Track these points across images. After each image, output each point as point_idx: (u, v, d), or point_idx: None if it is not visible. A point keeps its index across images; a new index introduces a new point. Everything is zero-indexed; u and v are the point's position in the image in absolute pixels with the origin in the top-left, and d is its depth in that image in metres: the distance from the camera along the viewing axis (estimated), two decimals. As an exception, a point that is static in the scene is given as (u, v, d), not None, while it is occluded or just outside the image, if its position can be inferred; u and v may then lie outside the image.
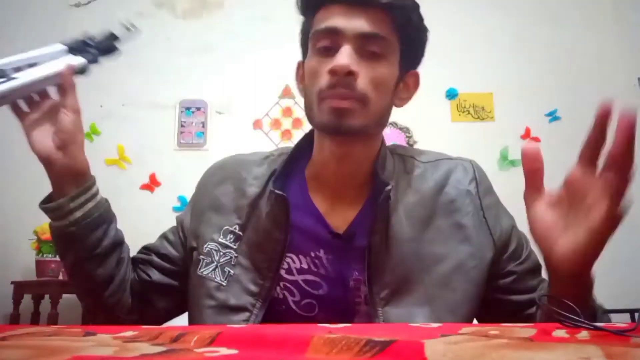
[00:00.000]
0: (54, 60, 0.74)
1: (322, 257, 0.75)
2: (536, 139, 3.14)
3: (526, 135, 3.14)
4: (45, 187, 0.77)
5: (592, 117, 0.57)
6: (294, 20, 0.82)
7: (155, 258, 0.83)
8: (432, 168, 0.80)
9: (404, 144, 3.09)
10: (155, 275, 0.82)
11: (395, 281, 0.72)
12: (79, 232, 0.74)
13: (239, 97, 3.03)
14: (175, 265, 0.83)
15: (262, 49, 3.08)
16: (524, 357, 0.27)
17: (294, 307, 0.74)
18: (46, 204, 0.76)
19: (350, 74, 0.69)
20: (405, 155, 0.82)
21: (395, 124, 3.16)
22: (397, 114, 0.75)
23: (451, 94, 3.22)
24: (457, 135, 3.07)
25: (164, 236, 0.86)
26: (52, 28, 3.11)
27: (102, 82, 3.17)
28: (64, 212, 0.74)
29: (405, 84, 0.80)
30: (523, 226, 0.72)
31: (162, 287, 0.82)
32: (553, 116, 3.16)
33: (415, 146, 2.99)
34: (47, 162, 0.73)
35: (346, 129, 0.70)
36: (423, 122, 3.14)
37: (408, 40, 0.76)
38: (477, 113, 3.20)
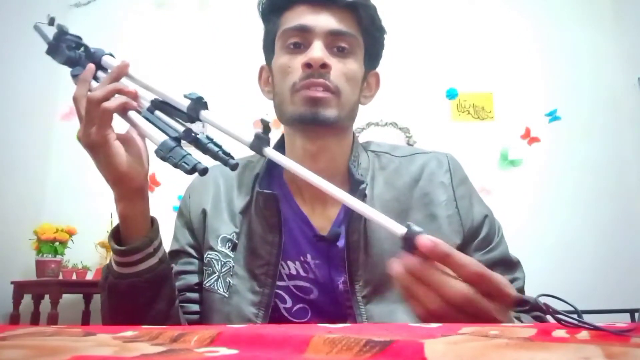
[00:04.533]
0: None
1: (310, 261, 0.74)
2: (536, 139, 3.15)
3: (526, 135, 3.15)
4: (43, 190, 0.76)
5: (592, 117, 0.56)
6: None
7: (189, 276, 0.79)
8: (407, 163, 0.80)
9: (404, 144, 3.10)
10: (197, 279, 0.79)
11: (376, 279, 0.71)
12: (148, 282, 0.66)
13: (238, 97, 3.03)
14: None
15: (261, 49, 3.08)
16: (524, 357, 0.26)
17: (285, 314, 0.74)
18: (120, 243, 0.66)
19: (324, 66, 0.71)
20: (380, 152, 0.83)
21: (395, 124, 3.16)
22: (397, 114, 0.74)
23: (451, 94, 3.22)
24: (457, 135, 3.07)
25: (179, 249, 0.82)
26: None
27: (102, 82, 3.18)
28: (148, 252, 0.66)
29: (368, 83, 0.82)
30: (519, 230, 0.72)
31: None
32: (553, 116, 3.17)
33: (415, 146, 2.99)
34: (126, 178, 0.63)
35: (322, 119, 0.71)
36: (423, 122, 3.14)
37: (371, 39, 0.78)
38: (477, 113, 3.20)
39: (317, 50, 0.71)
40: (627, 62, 3.18)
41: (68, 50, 0.71)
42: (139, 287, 0.66)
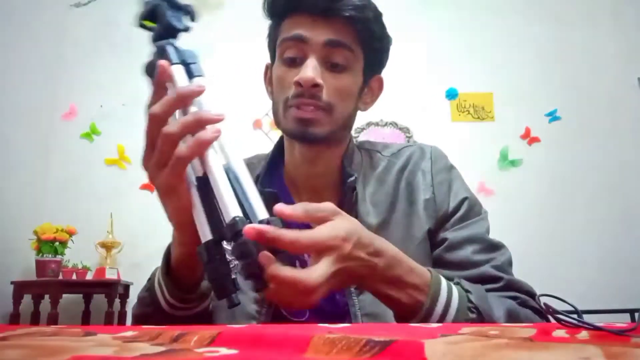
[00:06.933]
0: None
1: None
2: (536, 139, 3.15)
3: (526, 135, 3.15)
4: (44, 190, 0.74)
5: (592, 117, 0.56)
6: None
7: None
8: (395, 158, 0.82)
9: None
10: None
11: None
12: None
13: (239, 97, 3.03)
14: None
15: (262, 49, 3.08)
16: (524, 357, 0.27)
17: (284, 312, 0.74)
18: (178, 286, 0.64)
19: (315, 86, 0.71)
20: (372, 150, 0.85)
21: (395, 124, 3.16)
22: (397, 114, 0.74)
23: (451, 94, 3.22)
24: (457, 135, 3.07)
25: None
26: (52, 28, 3.11)
27: (102, 82, 3.18)
28: (208, 295, 0.67)
29: (370, 88, 0.82)
30: (519, 231, 0.72)
31: None
32: (553, 116, 3.17)
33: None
34: (193, 225, 0.58)
35: (312, 137, 0.72)
36: (423, 122, 3.14)
37: (371, 49, 0.78)
38: (477, 113, 3.20)
39: (309, 70, 0.70)
40: (627, 62, 3.19)
41: (170, 17, 0.58)
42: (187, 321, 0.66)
